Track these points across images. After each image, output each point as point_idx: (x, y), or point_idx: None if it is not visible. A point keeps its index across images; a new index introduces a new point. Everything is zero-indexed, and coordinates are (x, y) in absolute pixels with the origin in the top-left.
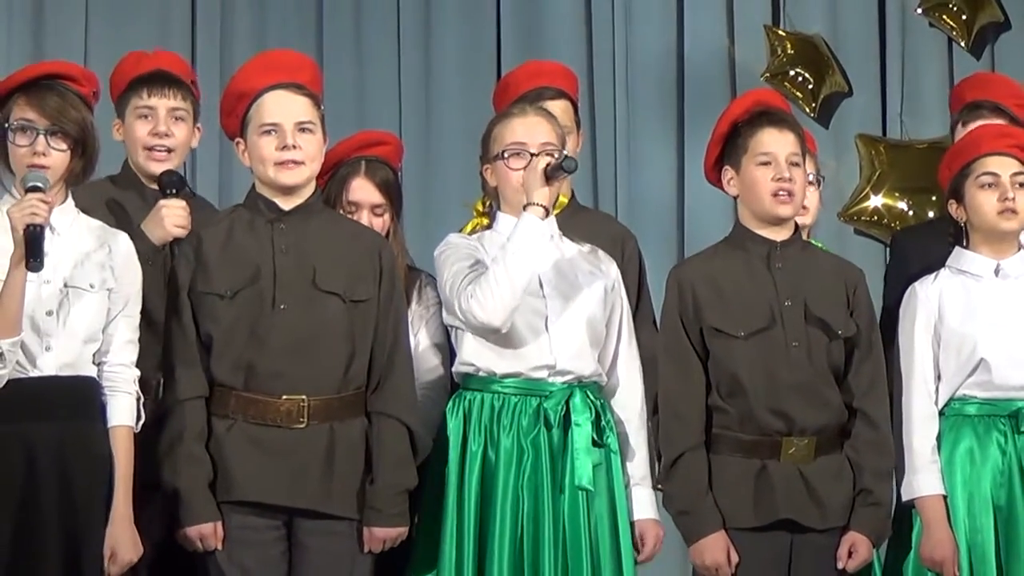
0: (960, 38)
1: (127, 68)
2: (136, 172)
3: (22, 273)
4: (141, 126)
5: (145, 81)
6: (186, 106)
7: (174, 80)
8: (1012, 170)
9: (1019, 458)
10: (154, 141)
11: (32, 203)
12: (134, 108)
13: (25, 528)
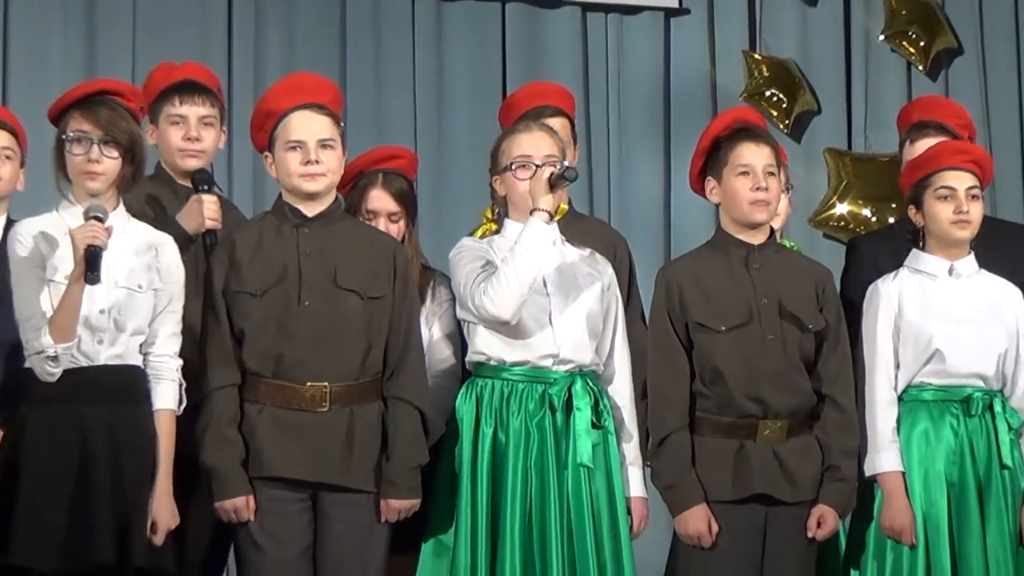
0: (918, 62)
1: (159, 78)
2: (169, 171)
3: (80, 288)
4: (174, 132)
5: (176, 90)
6: (213, 112)
7: (203, 89)
8: (967, 184)
9: (970, 439)
10: (186, 145)
11: (94, 227)
12: (167, 115)
13: (80, 499)
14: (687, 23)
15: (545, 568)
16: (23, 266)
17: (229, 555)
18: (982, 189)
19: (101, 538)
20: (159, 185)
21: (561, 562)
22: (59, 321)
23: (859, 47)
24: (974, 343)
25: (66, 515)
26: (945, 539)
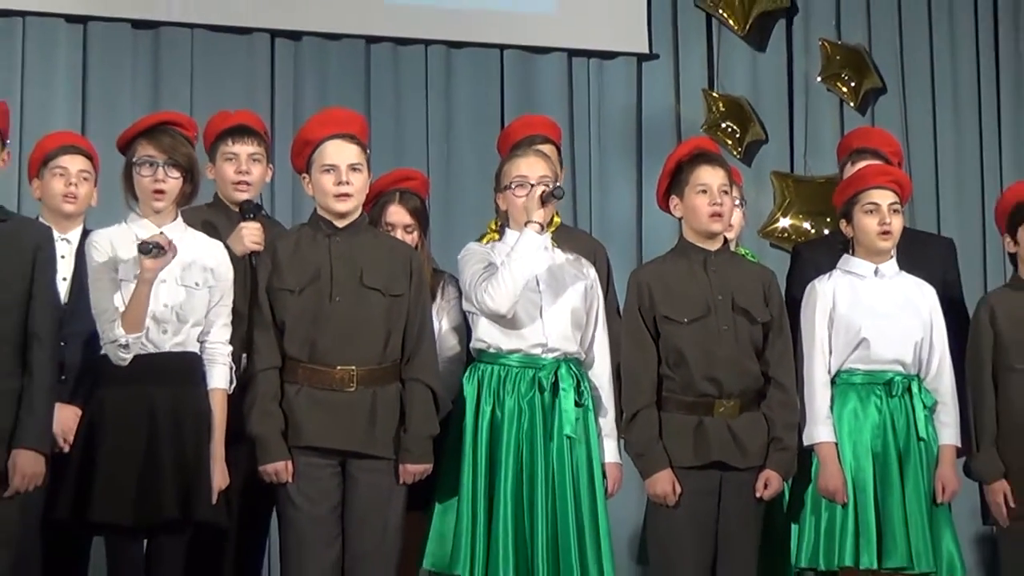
0: (850, 100)
1: (216, 123)
2: (224, 200)
3: (146, 287)
4: (228, 167)
5: (230, 133)
6: (260, 150)
7: (252, 131)
8: (889, 200)
9: (891, 416)
10: (239, 178)
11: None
12: (222, 154)
13: (148, 465)
14: (656, 66)
15: (532, 522)
16: (98, 269)
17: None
18: (902, 205)
19: (166, 497)
20: (215, 212)
21: (546, 517)
22: (130, 315)
23: (800, 87)
24: (895, 334)
25: (137, 479)
26: (871, 499)
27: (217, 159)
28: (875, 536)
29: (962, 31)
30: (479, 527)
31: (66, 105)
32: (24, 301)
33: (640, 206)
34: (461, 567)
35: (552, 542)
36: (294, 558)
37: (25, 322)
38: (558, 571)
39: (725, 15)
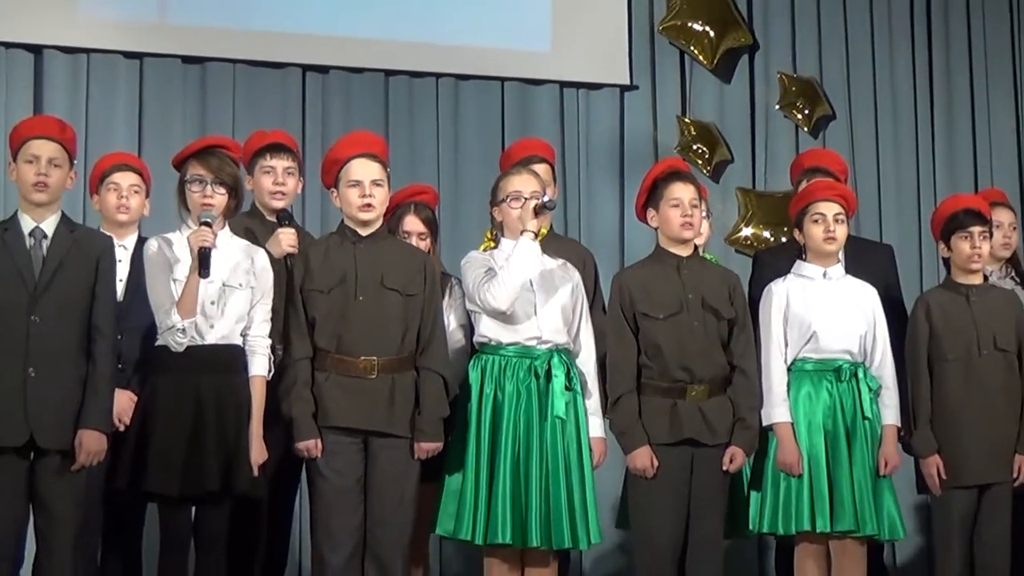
0: (804, 125)
1: (254, 142)
2: (261, 209)
3: (196, 278)
4: (266, 179)
5: (267, 149)
6: (294, 165)
7: (286, 148)
8: (835, 211)
9: (840, 398)
10: (275, 188)
11: (204, 232)
12: (260, 167)
13: (195, 444)
14: (636, 96)
15: (527, 491)
16: (156, 268)
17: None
18: (847, 216)
19: (209, 472)
20: (253, 220)
21: (540, 487)
22: (184, 303)
23: (761, 114)
24: (841, 328)
25: (185, 455)
26: (823, 471)
27: (256, 172)
28: (827, 503)
29: (901, 65)
30: (481, 496)
31: (125, 130)
32: (88, 300)
33: (622, 217)
34: (465, 531)
35: (545, 508)
36: (323, 523)
37: (89, 318)
38: (550, 534)
39: (696, 51)
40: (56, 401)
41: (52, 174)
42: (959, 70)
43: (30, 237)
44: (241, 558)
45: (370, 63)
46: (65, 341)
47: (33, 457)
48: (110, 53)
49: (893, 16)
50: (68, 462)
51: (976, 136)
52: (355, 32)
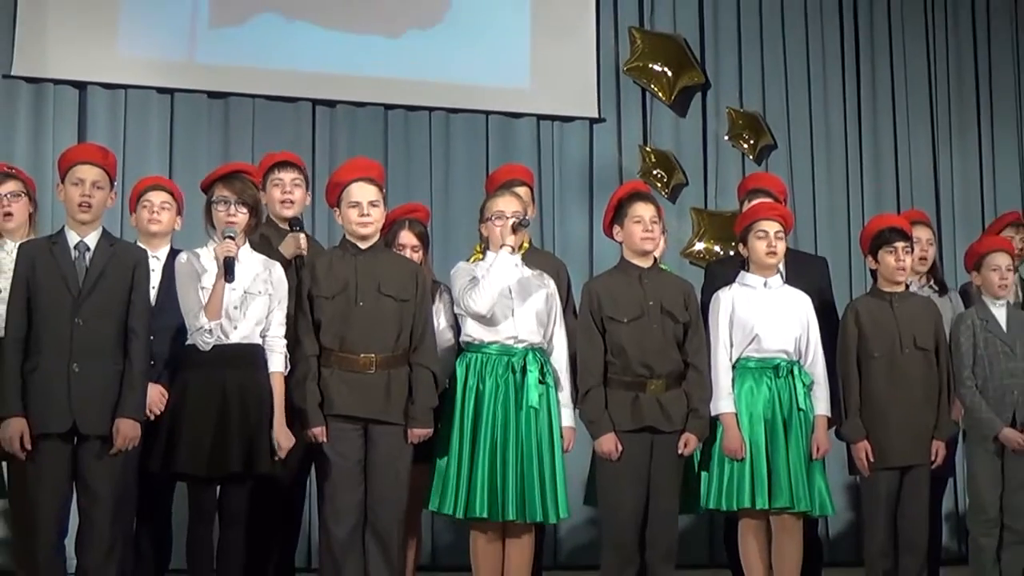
0: (749, 153)
1: (265, 161)
2: (274, 218)
3: (222, 284)
4: (276, 191)
5: (276, 165)
6: (300, 177)
7: (291, 164)
8: (775, 229)
9: (778, 392)
10: (284, 197)
11: (228, 244)
12: (271, 181)
13: (220, 431)
14: (604, 127)
15: (504, 472)
16: (185, 277)
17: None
18: (786, 233)
19: (233, 456)
20: (268, 228)
21: (516, 468)
22: (211, 306)
23: (712, 143)
24: (779, 331)
25: (211, 440)
26: (763, 455)
27: (267, 186)
28: (766, 484)
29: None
30: (462, 476)
31: (158, 156)
32: (125, 305)
33: (591, 233)
34: (448, 507)
35: (519, 487)
36: (328, 500)
37: (125, 321)
38: (524, 509)
39: (655, 89)
40: (96, 393)
41: (95, 195)
42: (884, 107)
43: (75, 250)
44: (260, 532)
45: (372, 98)
46: (104, 341)
47: (76, 442)
48: (145, 89)
49: (827, 60)
50: (107, 447)
51: (899, 163)
52: (359, 71)
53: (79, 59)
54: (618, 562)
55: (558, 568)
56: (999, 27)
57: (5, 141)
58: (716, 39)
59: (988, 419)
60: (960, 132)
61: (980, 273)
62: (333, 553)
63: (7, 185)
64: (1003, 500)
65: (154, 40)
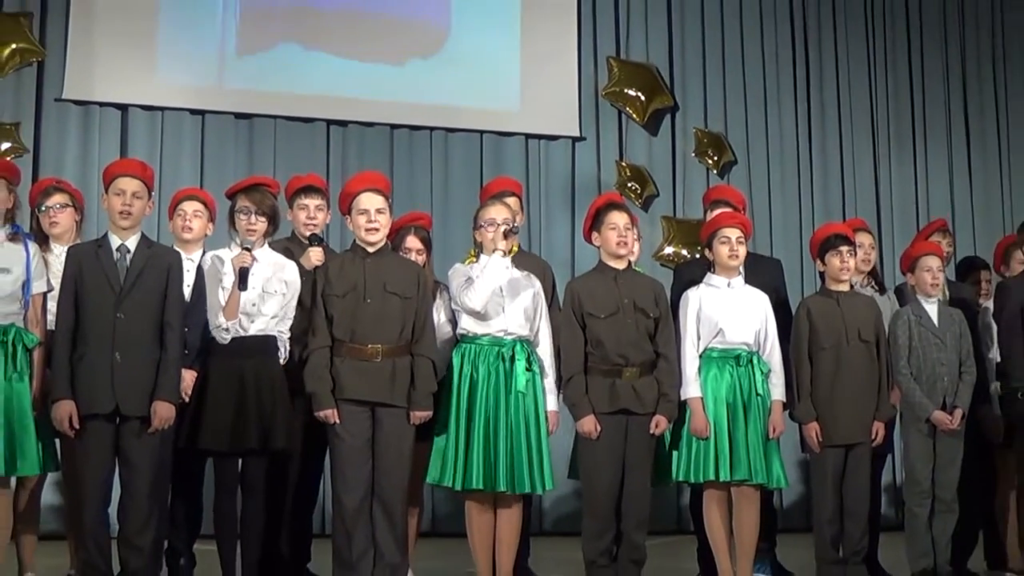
0: (713, 168)
1: (293, 183)
2: (298, 235)
3: (237, 292)
4: (301, 214)
5: (303, 190)
6: (323, 203)
7: (317, 189)
8: (736, 235)
9: (739, 379)
10: (308, 221)
11: (244, 255)
12: (297, 204)
13: (239, 411)
14: (585, 144)
15: (496, 448)
16: (209, 278)
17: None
18: (746, 238)
19: (251, 433)
20: (292, 243)
21: (507, 445)
22: (228, 309)
23: (680, 159)
24: (741, 325)
25: (231, 420)
26: (725, 434)
27: (294, 207)
28: (728, 459)
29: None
30: (459, 453)
31: (190, 170)
32: (161, 301)
33: (573, 238)
34: (447, 479)
35: (509, 462)
36: (340, 473)
37: (162, 315)
38: (513, 481)
39: (630, 111)
40: (136, 378)
41: (135, 204)
42: (831, 128)
43: (117, 252)
44: (276, 500)
45: (379, 119)
46: (143, 333)
47: (118, 422)
48: (179, 111)
49: (781, 86)
50: (145, 426)
51: (843, 177)
52: (368, 95)
53: (121, 84)
54: (597, 529)
55: (543, 535)
56: (931, 56)
57: (57, 156)
58: (684, 68)
59: (921, 403)
60: (897, 149)
61: (914, 274)
62: (344, 521)
63: (55, 198)
64: (934, 474)
65: (188, 67)
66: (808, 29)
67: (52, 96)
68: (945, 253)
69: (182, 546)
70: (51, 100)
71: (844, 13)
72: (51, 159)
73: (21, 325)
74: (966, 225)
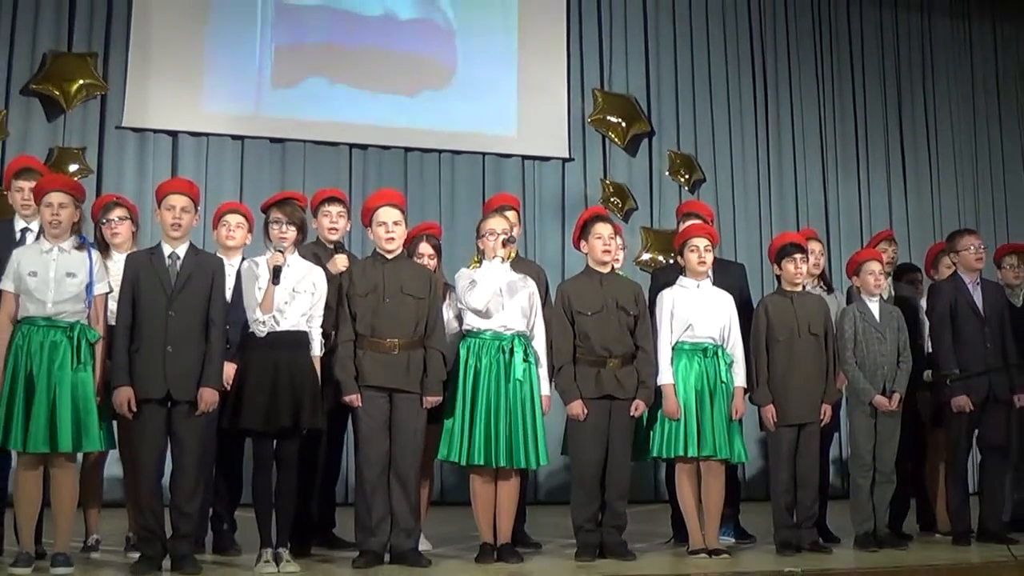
0: (685, 185)
1: (318, 195)
2: (323, 240)
3: (272, 287)
4: (324, 220)
5: (327, 200)
6: (344, 210)
7: (338, 199)
8: (705, 244)
9: (706, 368)
10: (331, 226)
11: (277, 256)
12: (321, 212)
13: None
14: (573, 165)
15: (496, 428)
16: (247, 280)
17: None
18: (713, 247)
19: (284, 414)
20: (319, 247)
21: (507, 425)
22: (264, 303)
23: (656, 178)
24: (708, 322)
25: (267, 403)
26: (694, 417)
27: (319, 216)
28: (696, 437)
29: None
30: (464, 433)
31: (231, 187)
32: (206, 301)
33: (563, 246)
34: (454, 456)
35: (509, 441)
36: (362, 450)
37: (207, 313)
38: (512, 457)
39: (612, 135)
40: (185, 368)
41: (183, 217)
42: (786, 150)
43: (168, 259)
44: (306, 474)
45: (395, 143)
46: (191, 328)
47: (170, 406)
48: (221, 136)
49: (743, 114)
50: (193, 409)
51: (797, 192)
52: (385, 123)
53: (172, 114)
54: (584, 498)
55: (538, 504)
56: (872, 89)
57: (117, 176)
58: (659, 99)
59: (864, 388)
60: (843, 169)
61: (859, 277)
62: (365, 491)
63: (115, 212)
64: (875, 450)
65: (229, 99)
66: (767, 66)
67: (113, 124)
68: (890, 259)
69: (225, 513)
70: (112, 128)
71: (797, 53)
72: (112, 178)
73: (85, 322)
74: (902, 234)
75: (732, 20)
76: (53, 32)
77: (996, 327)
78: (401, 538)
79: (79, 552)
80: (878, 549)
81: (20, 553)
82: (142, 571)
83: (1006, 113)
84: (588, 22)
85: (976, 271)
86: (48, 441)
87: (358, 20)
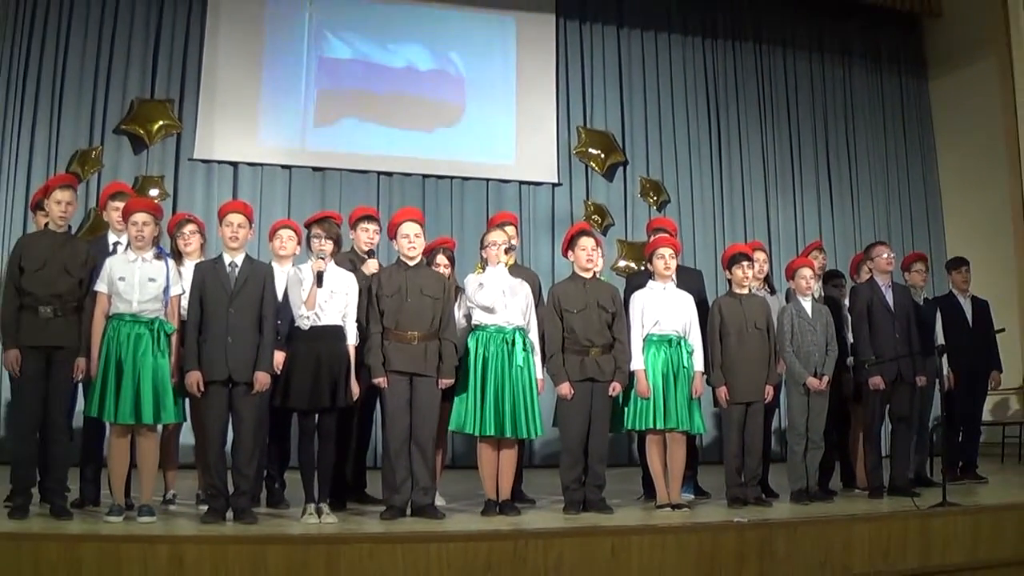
0: (654, 205)
1: (356, 213)
2: (358, 251)
3: (315, 288)
4: (364, 235)
5: (366, 217)
6: (377, 226)
7: (374, 217)
8: (670, 253)
9: (671, 356)
10: (367, 239)
11: (320, 263)
12: (360, 228)
13: (315, 379)
14: (561, 189)
15: (502, 404)
16: (293, 284)
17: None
18: (676, 256)
19: (324, 394)
20: (354, 255)
21: (511, 402)
22: (308, 301)
23: (630, 199)
24: (673, 318)
25: (310, 385)
26: (660, 396)
27: (358, 229)
28: (663, 413)
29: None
30: (476, 408)
31: (281, 208)
32: (260, 301)
33: (554, 255)
34: (468, 427)
35: (512, 415)
36: (388, 423)
37: (260, 310)
38: (513, 428)
39: (594, 165)
40: (243, 355)
41: (239, 233)
42: (736, 175)
43: (228, 266)
44: (342, 443)
45: (415, 171)
46: (248, 323)
47: (231, 386)
48: (273, 166)
49: (701, 147)
50: (250, 389)
51: (745, 211)
52: (406, 154)
53: (233, 148)
54: (571, 462)
55: (533, 467)
56: (804, 128)
57: (188, 199)
58: (632, 134)
59: (799, 372)
60: (782, 192)
61: (794, 280)
62: (391, 457)
63: (188, 227)
64: (808, 422)
65: (279, 135)
66: (719, 109)
67: (186, 157)
68: (820, 266)
69: (276, 474)
70: (185, 160)
71: (744, 99)
72: (185, 200)
73: (163, 318)
74: (829, 245)
75: (691, 71)
76: (139, 82)
77: (904, 321)
78: (420, 495)
79: (159, 504)
80: (810, 502)
81: (113, 504)
82: (210, 520)
83: (911, 149)
84: (573, 72)
85: (887, 274)
86: (134, 414)
87: (386, 70)
